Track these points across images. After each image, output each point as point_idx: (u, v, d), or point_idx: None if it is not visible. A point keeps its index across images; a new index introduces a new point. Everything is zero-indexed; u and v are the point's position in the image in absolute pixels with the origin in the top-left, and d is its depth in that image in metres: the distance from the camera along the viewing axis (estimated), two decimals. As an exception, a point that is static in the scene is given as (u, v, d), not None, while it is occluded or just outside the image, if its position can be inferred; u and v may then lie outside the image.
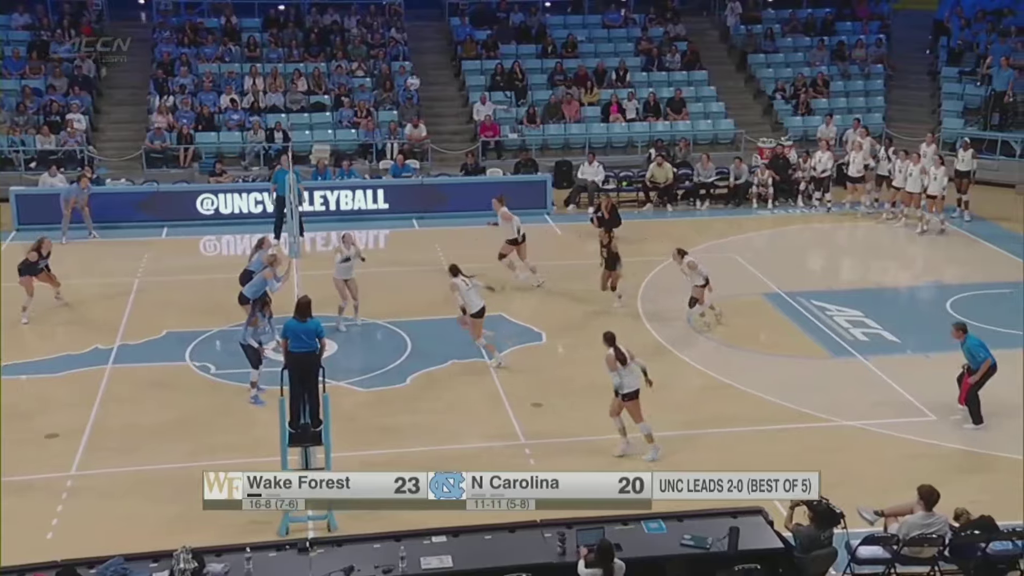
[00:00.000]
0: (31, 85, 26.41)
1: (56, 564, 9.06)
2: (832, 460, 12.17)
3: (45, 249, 17.06)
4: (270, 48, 29.27)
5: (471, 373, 15.50)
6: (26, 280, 16.75)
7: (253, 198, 23.39)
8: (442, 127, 28.16)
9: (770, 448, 13.12)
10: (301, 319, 12.00)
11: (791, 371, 15.78)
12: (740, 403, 14.57)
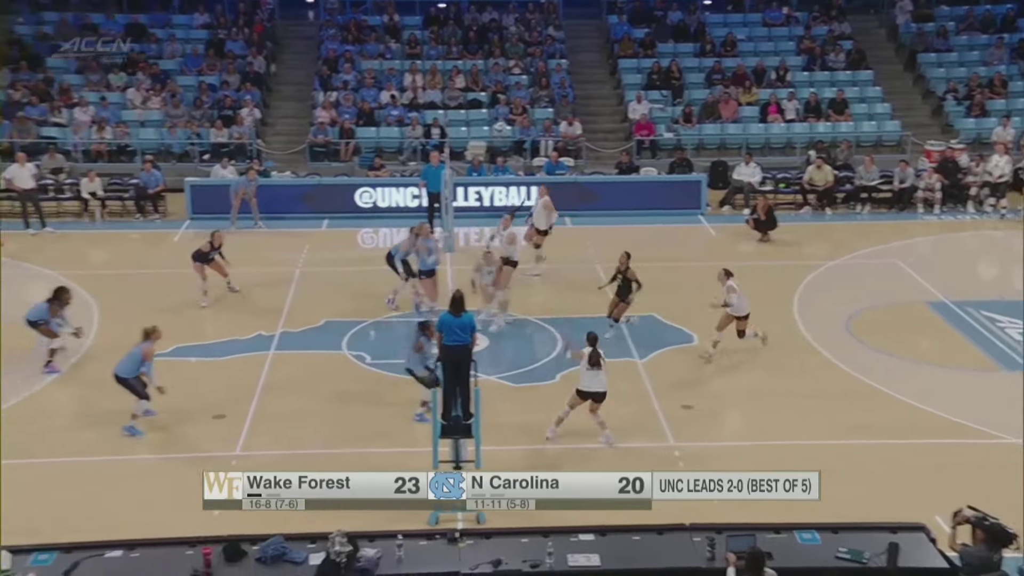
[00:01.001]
0: (207, 81, 27.67)
1: (222, 539, 9.47)
2: (998, 479, 11.62)
3: (217, 241, 17.80)
4: (430, 46, 29.85)
5: (621, 372, 15.39)
6: (198, 267, 17.54)
7: (410, 192, 23.88)
8: (597, 125, 28.12)
9: (931, 463, 12.61)
10: (455, 313, 12.18)
11: (955, 383, 15.13)
12: (896, 412, 14.07)
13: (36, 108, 26.30)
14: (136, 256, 21.11)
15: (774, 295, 18.26)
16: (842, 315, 16.91)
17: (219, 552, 9.44)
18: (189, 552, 9.44)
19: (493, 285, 16.81)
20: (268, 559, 9.44)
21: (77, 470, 12.56)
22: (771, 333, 16.20)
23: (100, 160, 25.41)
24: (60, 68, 28.09)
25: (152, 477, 12.40)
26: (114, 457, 12.85)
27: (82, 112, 26.17)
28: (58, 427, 13.70)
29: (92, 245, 21.92)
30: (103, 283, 18.63)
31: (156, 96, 27.13)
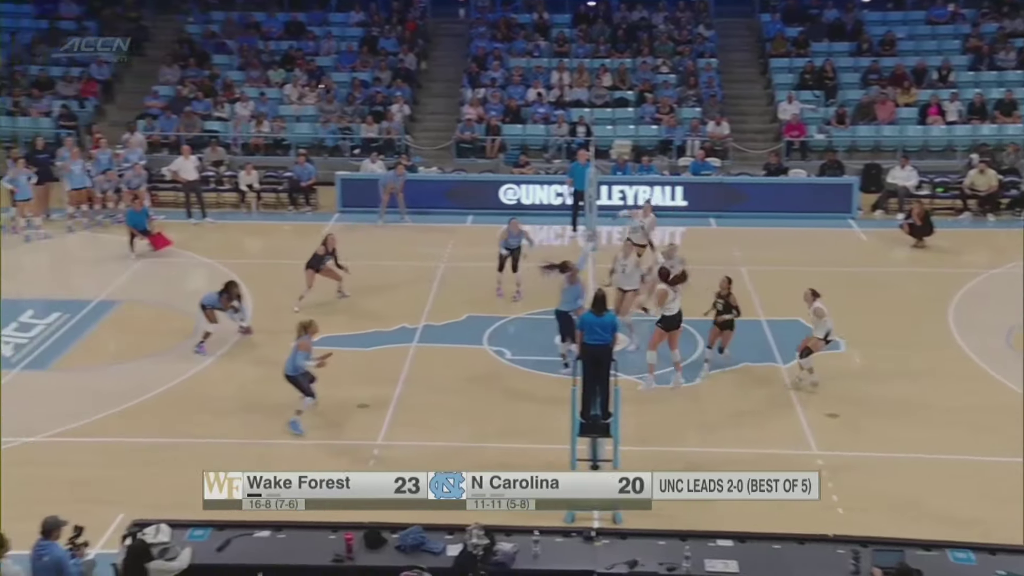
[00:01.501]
0: (360, 77, 28.39)
1: (363, 525, 9.70)
2: None
3: (330, 245, 17.78)
4: (578, 43, 29.86)
5: (763, 377, 15.15)
6: (309, 274, 17.58)
7: (553, 190, 23.96)
8: (745, 126, 27.62)
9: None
10: (597, 312, 12.17)
11: None
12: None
13: (201, 103, 27.48)
14: (287, 247, 21.81)
15: (928, 303, 17.61)
16: (1002, 327, 16.15)
17: (360, 538, 9.69)
18: (332, 537, 9.71)
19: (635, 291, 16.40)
20: (407, 548, 9.63)
21: (222, 451, 13.05)
22: (924, 342, 15.63)
23: (257, 153, 26.36)
24: (224, 65, 29.29)
25: (294, 463, 12.74)
26: (259, 441, 13.30)
27: (242, 107, 27.23)
28: (207, 409, 14.28)
29: (247, 235, 22.78)
30: (256, 272, 19.33)
31: (311, 92, 27.99)
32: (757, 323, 17.03)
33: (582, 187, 21.71)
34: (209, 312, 15.99)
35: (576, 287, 15.02)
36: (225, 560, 9.54)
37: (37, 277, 20.44)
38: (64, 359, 15.82)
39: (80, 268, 20.71)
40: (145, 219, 20.59)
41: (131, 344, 16.55)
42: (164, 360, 15.67)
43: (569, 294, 14.97)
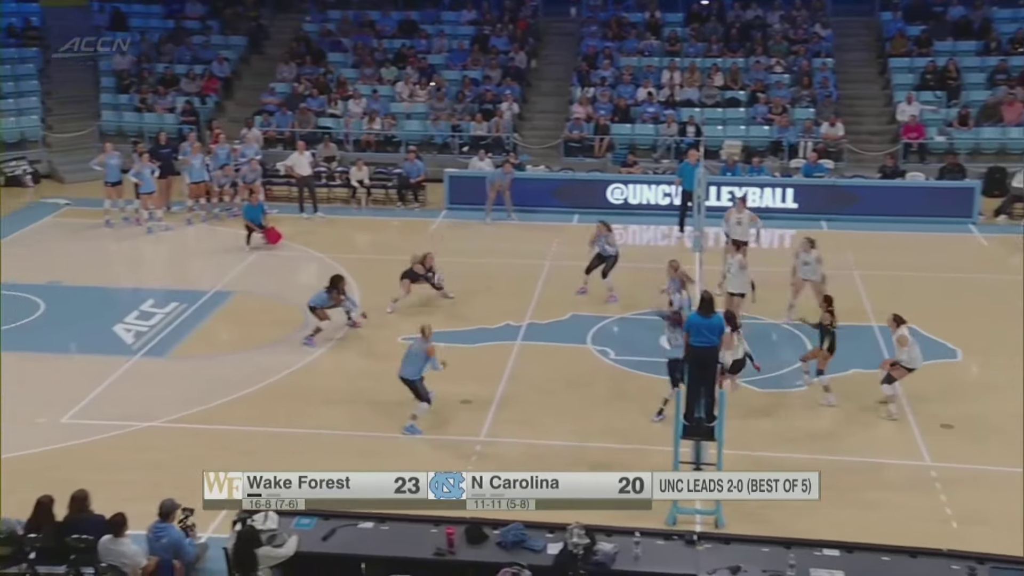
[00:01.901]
0: (470, 76, 28.62)
1: (465, 520, 9.79)
2: None
3: (428, 263, 17.77)
4: (690, 43, 29.55)
5: (874, 384, 14.73)
6: (404, 284, 17.60)
7: (661, 190, 23.75)
8: (861, 127, 26.93)
9: None
10: (705, 315, 12.02)
11: None
12: None
13: (316, 100, 28.08)
14: (395, 243, 22.12)
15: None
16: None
17: (461, 532, 9.78)
18: (433, 530, 9.83)
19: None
20: (508, 544, 9.69)
21: (327, 442, 13.31)
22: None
23: (368, 150, 26.80)
24: (339, 63, 29.87)
25: (398, 456, 12.93)
26: (364, 433, 13.52)
27: (355, 104, 27.72)
28: (315, 400, 14.57)
29: (357, 230, 23.17)
30: (364, 267, 19.66)
31: (422, 89, 28.34)
32: (868, 329, 16.62)
33: (691, 187, 21.46)
34: (320, 312, 16.32)
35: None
36: (329, 549, 9.75)
37: (157, 267, 21.19)
38: (181, 347, 16.36)
39: (197, 259, 21.38)
40: (261, 214, 21.15)
41: (244, 334, 17.03)
42: (275, 351, 16.06)
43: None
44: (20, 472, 12.17)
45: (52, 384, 14.95)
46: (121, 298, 18.74)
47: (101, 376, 15.09)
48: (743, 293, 16.35)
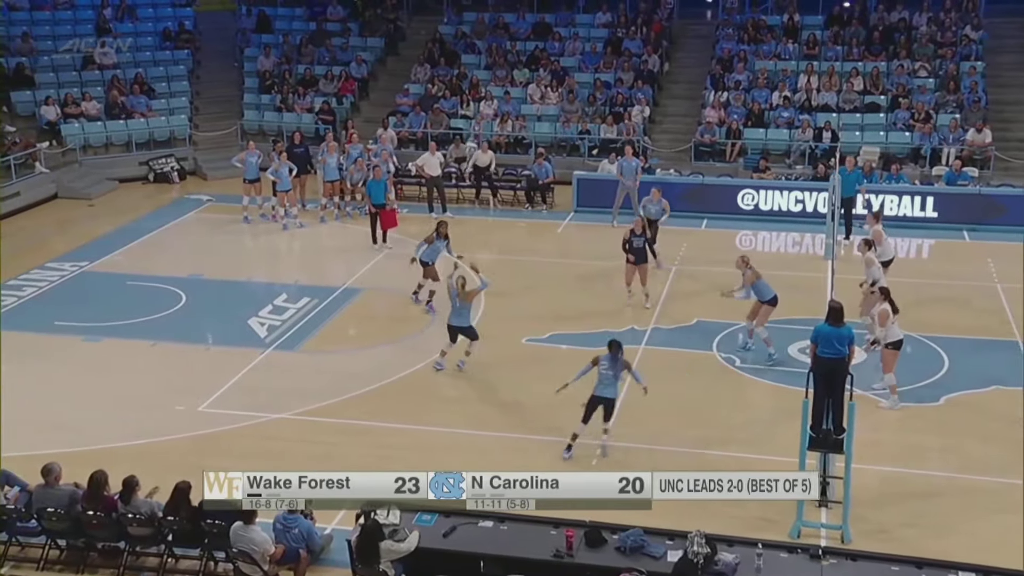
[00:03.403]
0: (602, 78, 28.56)
1: (585, 524, 9.78)
2: None
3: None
4: (828, 46, 28.81)
5: (1015, 402, 14.12)
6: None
7: (794, 196, 23.25)
8: (1010, 133, 25.81)
9: None
10: (834, 324, 11.72)
11: None
12: None
13: (448, 101, 28.48)
14: (523, 244, 22.25)
15: None
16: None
17: (581, 535, 9.78)
18: (553, 532, 9.85)
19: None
20: (627, 549, 9.65)
21: (450, 440, 13.46)
22: None
23: (498, 151, 27.00)
24: (472, 64, 30.22)
25: (515, 457, 12.96)
26: (485, 433, 13.63)
27: (487, 105, 27.99)
28: (440, 397, 14.82)
29: (484, 231, 23.37)
30: (493, 268, 19.77)
31: (554, 92, 28.42)
32: (1013, 344, 15.94)
33: (850, 194, 20.94)
34: (430, 269, 16.83)
35: None
36: (449, 546, 9.88)
37: (291, 263, 21.83)
38: (311, 342, 16.80)
39: (329, 256, 21.92)
40: (383, 190, 21.35)
41: (371, 331, 17.39)
42: (401, 348, 16.35)
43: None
44: (160, 457, 12.73)
45: (191, 373, 15.57)
46: (256, 292, 19.38)
47: (236, 367, 15.63)
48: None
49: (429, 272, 17.36)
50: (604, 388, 12.76)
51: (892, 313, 14.01)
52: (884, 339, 14.01)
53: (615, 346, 12.90)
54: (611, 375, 12.77)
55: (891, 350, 14.02)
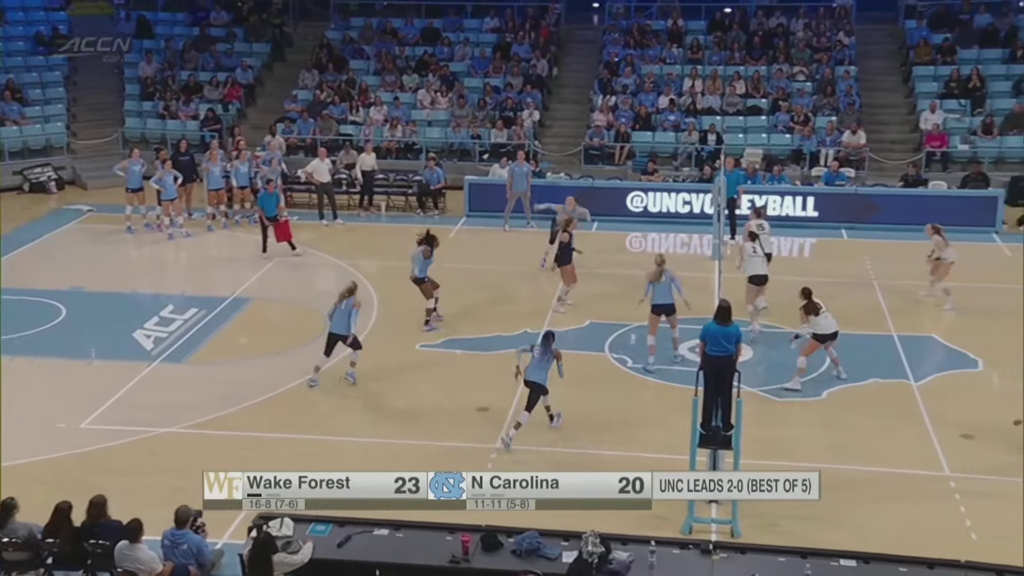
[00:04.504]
0: (492, 83, 28.66)
1: (480, 528, 9.78)
2: None
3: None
4: (712, 51, 29.48)
5: (893, 394, 14.67)
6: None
7: (681, 198, 23.72)
8: (883, 135, 26.81)
9: None
10: (722, 323, 11.98)
11: None
12: None
13: (338, 107, 28.21)
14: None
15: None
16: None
17: (477, 540, 9.77)
18: (448, 538, 9.83)
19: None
20: (523, 552, 9.68)
21: (348, 448, 13.35)
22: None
23: (389, 157, 26.88)
24: (361, 70, 29.99)
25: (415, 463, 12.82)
26: (384, 441, 13.54)
27: (376, 111, 27.81)
28: (334, 407, 14.63)
29: (376, 237, 23.20)
30: (384, 274, 19.70)
31: (444, 97, 28.40)
32: (888, 338, 16.54)
33: (732, 194, 21.41)
34: (426, 287, 16.73)
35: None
36: (344, 556, 9.77)
37: (177, 273, 21.32)
38: (200, 353, 16.44)
39: (217, 265, 21.49)
40: (275, 203, 21.03)
41: (262, 340, 17.11)
42: (293, 358, 16.09)
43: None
44: (39, 477, 12.28)
45: (72, 389, 15.06)
46: (142, 304, 18.87)
47: (120, 381, 15.18)
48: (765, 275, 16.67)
49: (426, 290, 16.98)
50: (533, 372, 13.35)
51: (814, 310, 14.52)
52: (809, 332, 14.62)
53: (549, 337, 13.50)
54: (542, 363, 13.34)
55: (814, 340, 14.61)
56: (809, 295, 14.74)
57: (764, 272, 16.72)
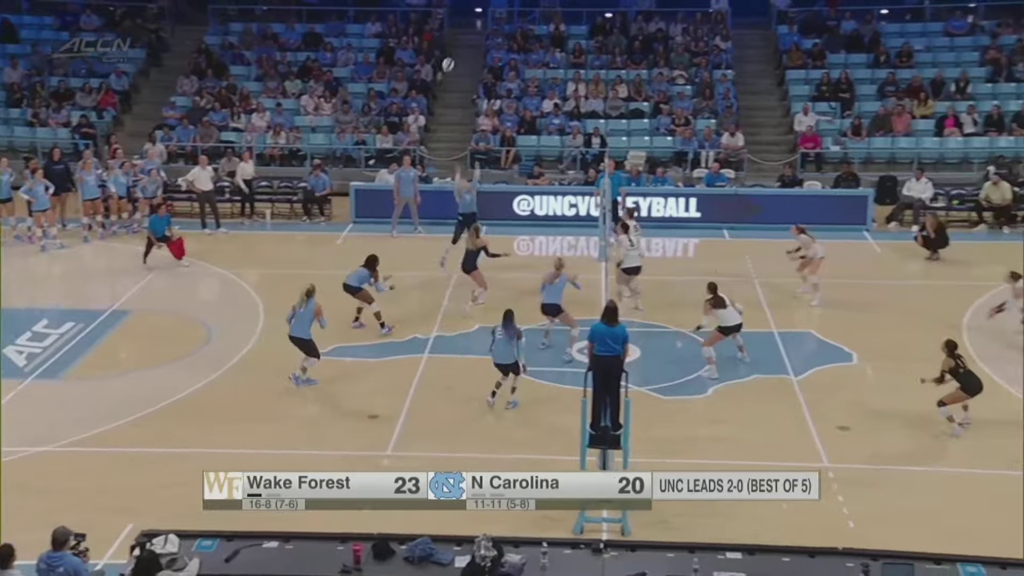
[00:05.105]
0: (376, 88, 28.50)
1: (372, 536, 9.69)
2: None
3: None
4: (594, 55, 29.89)
5: (775, 390, 15.09)
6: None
7: (567, 201, 23.97)
8: (760, 137, 27.58)
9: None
10: (609, 323, 12.15)
11: None
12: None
13: (218, 114, 27.65)
14: (302, 257, 21.88)
15: (942, 316, 17.49)
16: (1017, 341, 16.02)
17: (368, 549, 9.67)
18: (340, 548, 9.68)
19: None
20: (415, 559, 9.60)
21: (231, 460, 13.01)
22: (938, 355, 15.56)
23: (273, 164, 26.48)
24: (242, 76, 29.47)
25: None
26: (267, 451, 13.30)
27: (259, 118, 27.36)
28: (219, 418, 14.31)
29: (261, 245, 22.84)
30: (271, 283, 19.39)
31: (327, 103, 28.12)
32: (769, 335, 17.01)
33: (615, 196, 21.73)
34: (363, 293, 16.69)
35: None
36: (233, 571, 9.53)
37: (52, 287, 20.58)
38: (77, 368, 15.91)
39: (94, 278, 20.85)
40: (165, 226, 20.59)
41: (144, 353, 16.66)
42: (176, 369, 15.72)
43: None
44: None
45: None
46: (13, 319, 18.05)
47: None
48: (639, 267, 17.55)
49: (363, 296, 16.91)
50: (499, 355, 14.19)
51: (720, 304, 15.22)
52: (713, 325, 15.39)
53: (509, 316, 14.26)
54: (505, 341, 14.14)
55: (718, 332, 15.38)
56: (715, 290, 15.30)
57: (639, 264, 17.62)
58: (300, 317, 14.79)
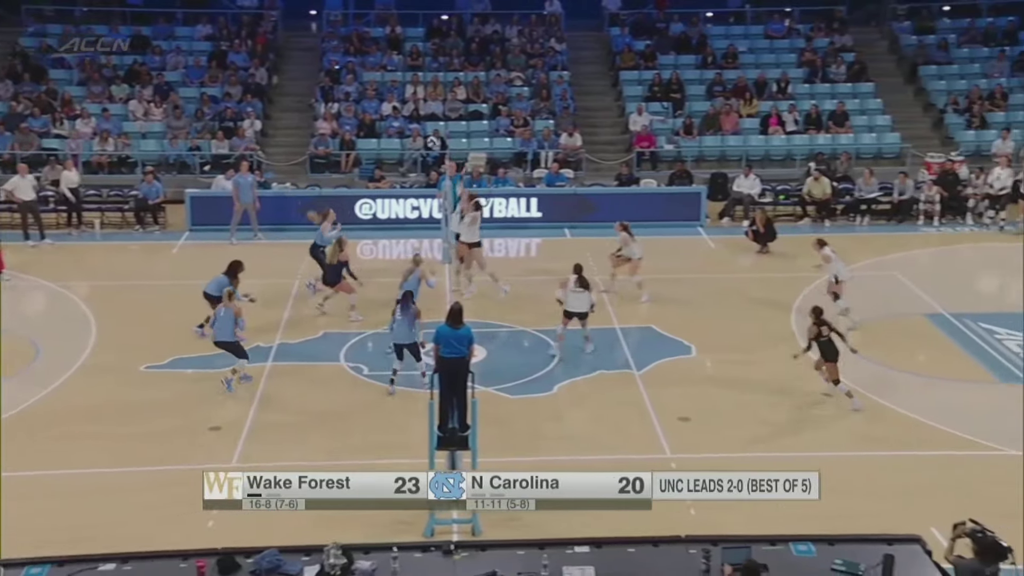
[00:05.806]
0: (209, 92, 27.74)
1: (216, 552, 9.43)
2: (1000, 492, 11.59)
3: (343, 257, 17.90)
4: (432, 57, 29.91)
5: (618, 384, 15.45)
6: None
7: (410, 204, 23.93)
8: (597, 137, 28.17)
9: (931, 476, 12.59)
10: (453, 325, 12.19)
11: (954, 395, 15.11)
12: (895, 425, 14.07)
13: (38, 120, 26.38)
14: (136, 267, 21.13)
15: (772, 307, 18.27)
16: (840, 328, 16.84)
17: (213, 565, 9.39)
18: (182, 565, 9.38)
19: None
20: (263, 572, 9.39)
21: (72, 482, 12.54)
22: (769, 345, 16.25)
23: (101, 172, 25.47)
24: (63, 80, 28.19)
25: (146, 489, 12.35)
26: (108, 469, 12.84)
27: (84, 124, 26.24)
28: (55, 436, 13.70)
29: (91, 256, 21.93)
30: (102, 295, 18.65)
31: (158, 108, 27.21)
32: (612, 331, 17.38)
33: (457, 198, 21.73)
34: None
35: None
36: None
37: None
38: None
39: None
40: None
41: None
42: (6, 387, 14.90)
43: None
44: None
45: None
46: None
47: None
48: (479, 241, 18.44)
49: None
50: (399, 335, 14.65)
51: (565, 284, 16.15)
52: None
53: (407, 297, 14.77)
54: (404, 321, 14.59)
55: (564, 315, 16.18)
56: (580, 270, 16.05)
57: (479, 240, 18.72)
58: (221, 321, 14.67)
